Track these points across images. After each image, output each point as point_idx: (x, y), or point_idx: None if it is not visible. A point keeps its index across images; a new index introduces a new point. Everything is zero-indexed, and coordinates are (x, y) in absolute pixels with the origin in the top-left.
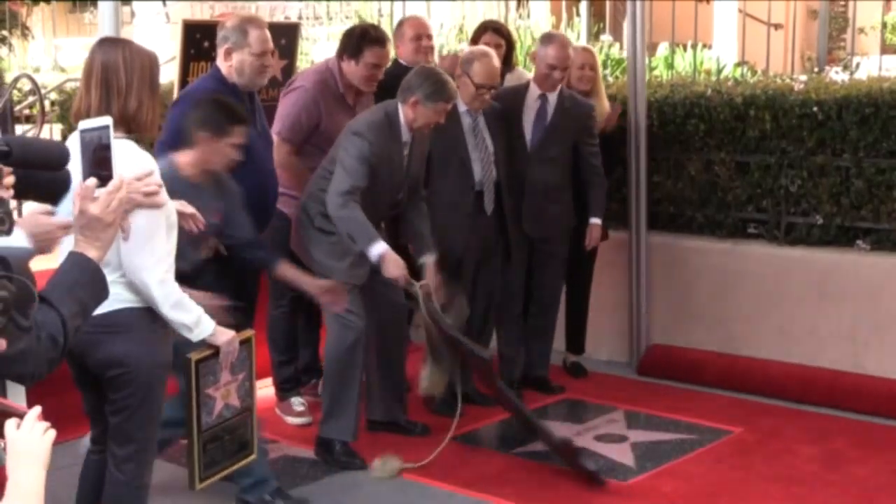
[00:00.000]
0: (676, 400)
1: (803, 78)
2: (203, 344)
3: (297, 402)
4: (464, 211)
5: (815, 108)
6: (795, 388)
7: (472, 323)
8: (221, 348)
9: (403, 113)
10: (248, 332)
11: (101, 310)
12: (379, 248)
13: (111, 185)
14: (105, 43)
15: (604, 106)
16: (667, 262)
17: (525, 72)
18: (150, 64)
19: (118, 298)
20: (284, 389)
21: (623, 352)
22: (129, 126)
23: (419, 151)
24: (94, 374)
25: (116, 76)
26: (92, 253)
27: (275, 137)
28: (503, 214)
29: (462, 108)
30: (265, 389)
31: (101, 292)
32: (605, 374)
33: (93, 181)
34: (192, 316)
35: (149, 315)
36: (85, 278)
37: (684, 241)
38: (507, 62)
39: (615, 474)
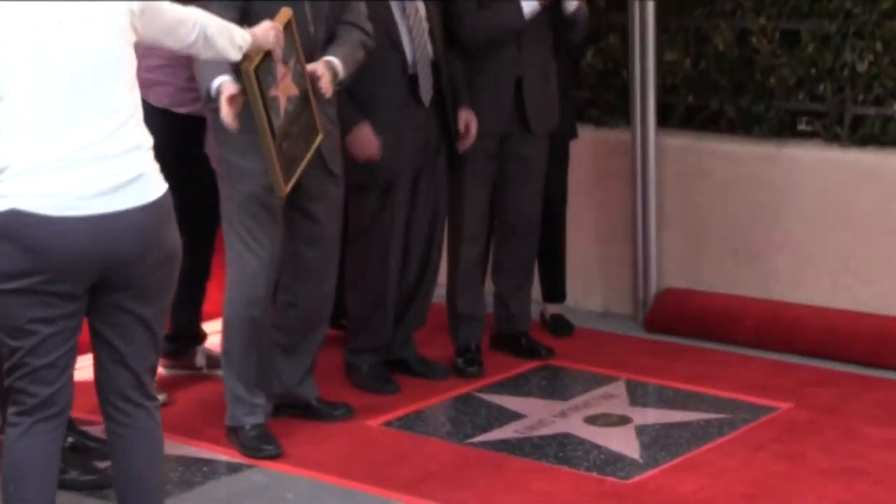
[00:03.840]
0: (698, 365)
1: None
2: None
3: None
4: (394, 104)
5: None
6: (864, 346)
7: (408, 262)
8: (273, 48)
9: None
10: (287, 14)
11: (157, 193)
12: (219, 80)
13: None
14: None
15: None
16: (684, 172)
17: None
18: None
19: (152, 168)
20: None
21: (624, 300)
22: None
23: None
24: (128, 280)
25: None
26: None
27: None
28: (445, 106)
29: None
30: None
31: None
32: (598, 332)
33: None
34: (237, 41)
35: None
36: None
37: (709, 143)
38: None
39: (613, 470)
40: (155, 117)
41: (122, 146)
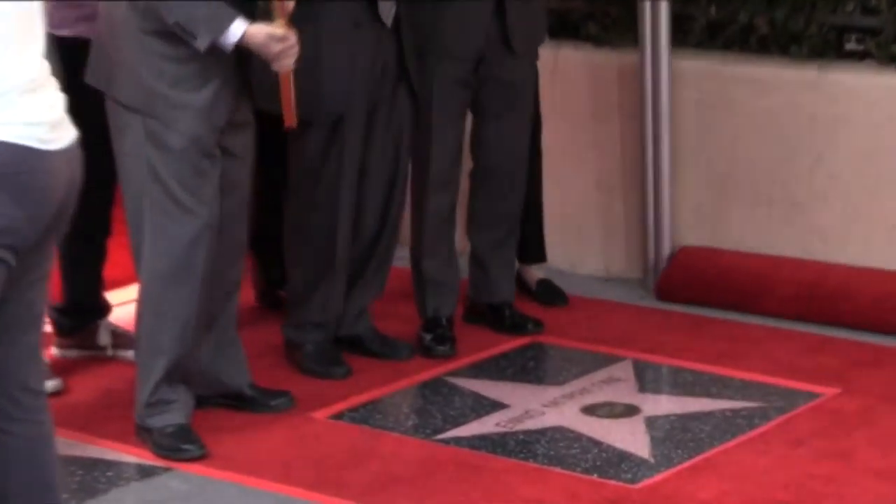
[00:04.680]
0: (722, 342)
1: None
2: None
3: None
4: (347, 25)
5: None
6: None
7: (363, 216)
8: None
9: None
10: None
11: (75, 130)
12: (240, 27)
13: None
14: None
15: None
16: (705, 103)
17: None
18: None
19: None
20: None
21: (631, 262)
22: None
23: None
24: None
25: None
26: None
27: None
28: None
29: None
30: None
31: None
32: (599, 301)
33: None
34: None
35: None
36: None
37: (735, 66)
38: None
39: (617, 472)
40: None
41: (47, 73)
